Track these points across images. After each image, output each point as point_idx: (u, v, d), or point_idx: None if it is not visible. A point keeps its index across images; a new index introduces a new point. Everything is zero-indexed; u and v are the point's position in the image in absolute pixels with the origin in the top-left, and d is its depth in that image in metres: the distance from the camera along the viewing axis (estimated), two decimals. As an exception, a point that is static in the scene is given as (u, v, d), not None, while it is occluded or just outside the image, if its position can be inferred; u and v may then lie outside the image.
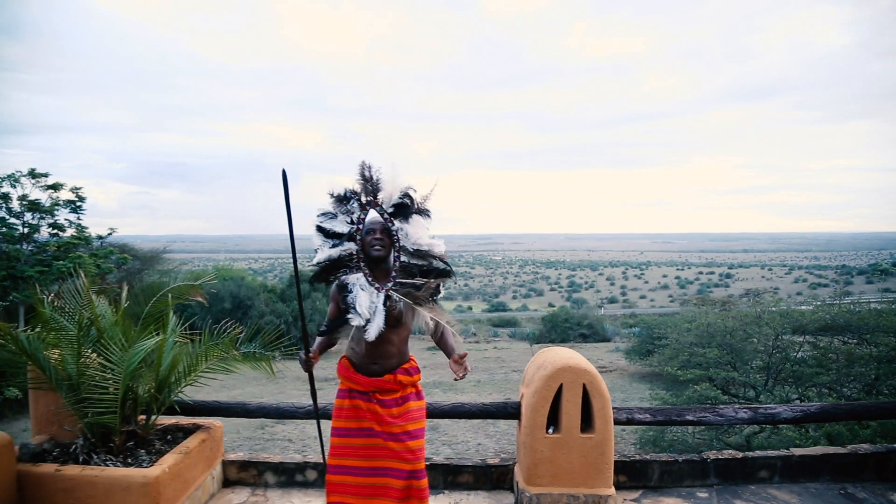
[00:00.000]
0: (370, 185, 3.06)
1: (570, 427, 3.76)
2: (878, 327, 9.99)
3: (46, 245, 15.82)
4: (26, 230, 15.70)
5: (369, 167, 3.06)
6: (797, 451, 4.40)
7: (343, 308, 3.01)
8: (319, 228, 3.08)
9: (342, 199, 3.09)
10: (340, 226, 3.07)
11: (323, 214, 3.09)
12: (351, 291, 2.98)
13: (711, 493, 4.13)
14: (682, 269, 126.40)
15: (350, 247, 3.06)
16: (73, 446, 3.63)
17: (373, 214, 3.08)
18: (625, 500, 3.99)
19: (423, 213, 3.09)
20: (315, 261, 3.07)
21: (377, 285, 3.02)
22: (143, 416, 3.83)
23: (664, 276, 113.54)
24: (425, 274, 3.06)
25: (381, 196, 3.06)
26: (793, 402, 9.42)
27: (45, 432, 3.91)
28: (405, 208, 3.05)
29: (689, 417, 4.20)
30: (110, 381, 3.51)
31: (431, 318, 3.04)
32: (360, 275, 3.03)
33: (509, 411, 4.02)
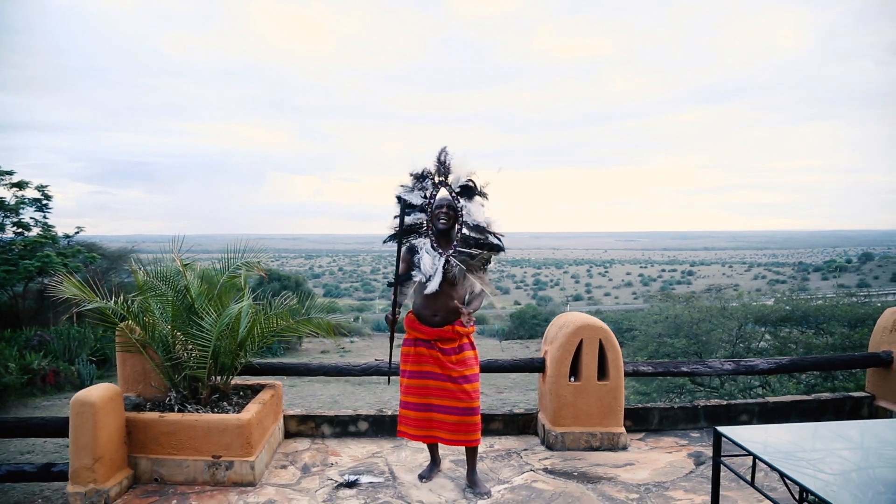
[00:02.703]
0: (443, 167, 3.73)
1: (589, 375, 4.48)
2: (833, 317, 10.73)
3: (12, 244, 15.54)
4: None
5: (445, 153, 3.73)
6: (771, 399, 5.20)
7: (411, 267, 3.68)
8: (399, 198, 3.74)
9: (419, 178, 3.75)
10: (416, 198, 3.73)
11: (403, 187, 3.75)
12: (418, 253, 3.66)
13: (702, 433, 4.89)
14: (646, 267, 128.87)
15: (422, 217, 3.73)
16: (168, 398, 4.21)
17: (443, 192, 3.75)
18: (631, 438, 4.71)
19: (484, 195, 3.77)
20: (391, 226, 3.73)
21: (440, 251, 3.68)
22: (220, 376, 4.42)
23: (628, 273, 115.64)
24: (481, 247, 3.72)
25: (450, 178, 3.73)
26: (755, 388, 10.26)
27: (133, 391, 4.47)
28: (470, 190, 3.72)
29: (685, 369, 4.96)
30: (200, 342, 4.11)
31: (480, 286, 3.72)
32: (427, 240, 3.71)
33: (535, 365, 4.72)
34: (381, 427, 4.85)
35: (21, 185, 15.71)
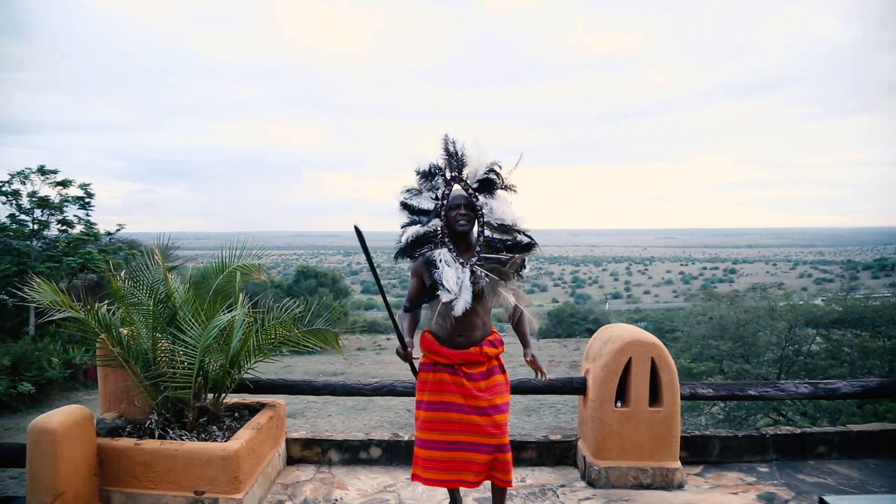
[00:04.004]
0: (454, 160, 3.07)
1: (639, 400, 3.79)
2: (892, 320, 9.90)
3: (56, 241, 15.89)
4: (36, 226, 15.82)
5: (453, 142, 3.07)
6: (854, 428, 4.42)
7: (430, 284, 3.03)
8: (404, 205, 3.10)
9: (427, 175, 3.10)
10: (425, 202, 3.08)
11: (408, 191, 3.10)
12: (436, 267, 3.01)
13: (772, 467, 4.16)
14: (686, 265, 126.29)
15: (435, 223, 3.08)
16: (148, 422, 3.67)
17: (457, 189, 3.10)
18: (688, 473, 4.01)
19: (509, 188, 3.11)
20: (403, 238, 3.09)
21: (461, 260, 3.04)
22: (212, 395, 3.86)
23: (668, 271, 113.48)
24: (510, 249, 3.07)
25: (465, 171, 3.07)
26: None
27: (115, 410, 3.94)
28: (490, 184, 3.07)
29: (751, 392, 4.22)
30: (184, 357, 3.55)
31: (512, 300, 3.06)
32: (445, 250, 3.05)
33: (574, 386, 4.04)
34: (396, 454, 4.24)
35: (65, 183, 16.02)
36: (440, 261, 2.99)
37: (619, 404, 3.85)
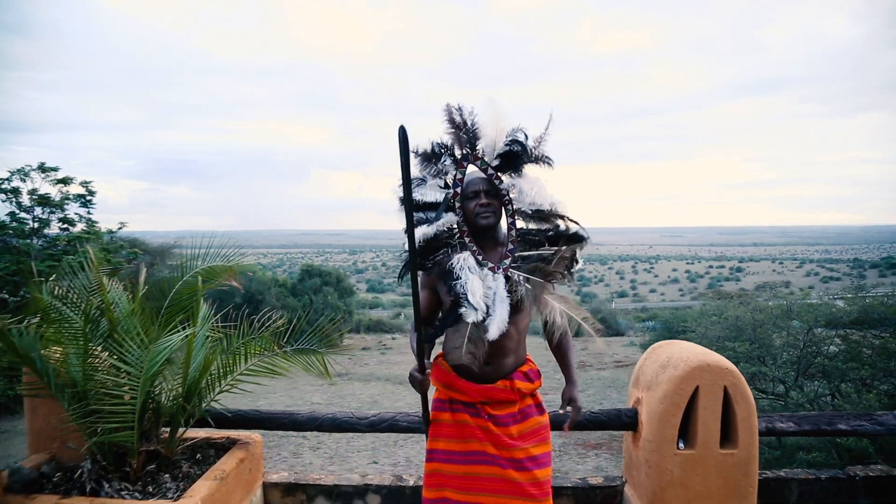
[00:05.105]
0: (464, 132, 2.29)
1: (708, 441, 2.97)
2: None
3: (56, 240, 15.72)
4: (36, 225, 15.63)
5: (459, 109, 2.28)
6: (963, 466, 3.59)
7: (452, 299, 2.21)
8: (403, 201, 2.31)
9: (430, 157, 2.32)
10: (432, 192, 2.31)
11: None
12: (459, 277, 2.19)
13: (866, 519, 3.34)
14: (692, 263, 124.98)
15: (450, 219, 2.28)
16: (79, 471, 2.85)
17: (473, 171, 2.30)
18: (765, 529, 3.19)
19: (542, 160, 2.30)
20: (407, 245, 2.28)
21: (491, 264, 2.23)
22: (168, 430, 3.06)
23: (674, 269, 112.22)
24: (552, 241, 2.28)
25: (480, 145, 2.28)
26: (823, 397, 8.72)
27: (45, 451, 3.14)
28: (515, 158, 2.28)
29: (842, 426, 3.38)
30: (126, 388, 2.74)
31: (560, 310, 2.26)
32: (467, 253, 2.25)
33: (623, 421, 3.22)
34: (399, 503, 3.42)
35: (66, 181, 15.99)
36: (461, 268, 2.19)
37: (681, 445, 3.03)
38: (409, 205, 2.09)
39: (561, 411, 2.51)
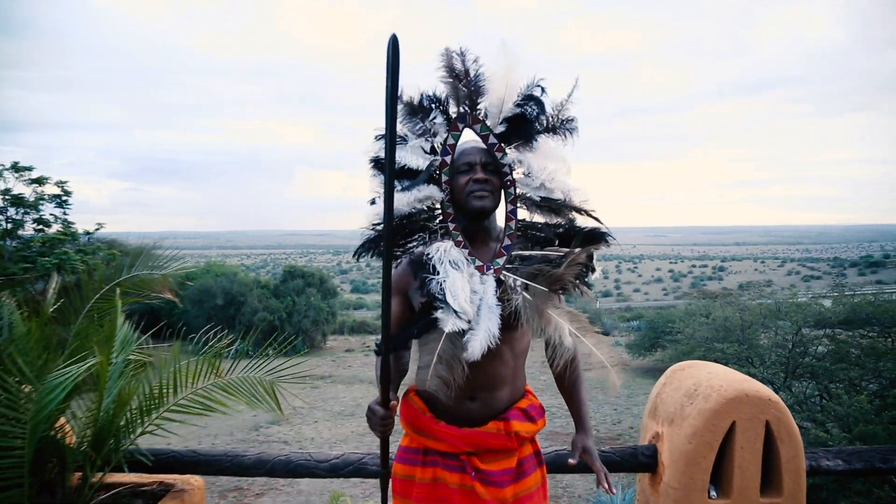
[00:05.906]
0: (464, 84, 1.71)
1: (747, 488, 2.42)
2: None
3: (31, 241, 15.43)
4: (9, 226, 15.39)
5: (461, 55, 1.71)
6: None
7: (422, 302, 1.65)
8: (377, 163, 1.73)
9: (416, 111, 1.74)
10: (413, 157, 1.74)
11: (382, 138, 1.73)
12: (437, 272, 1.62)
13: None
14: (676, 263, 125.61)
15: (431, 193, 1.71)
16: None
17: (470, 137, 1.73)
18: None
19: (563, 128, 1.74)
20: (370, 221, 1.71)
21: (479, 262, 1.67)
22: (80, 475, 2.46)
23: (657, 269, 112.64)
24: (564, 240, 1.72)
25: (483, 104, 1.71)
26: (813, 397, 8.80)
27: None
28: (528, 124, 1.70)
29: (899, 464, 2.85)
30: (16, 430, 2.14)
31: (570, 331, 1.69)
32: (450, 243, 1.69)
33: (640, 461, 2.66)
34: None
35: (40, 181, 15.71)
36: (441, 260, 1.63)
37: (713, 493, 2.48)
38: (392, 140, 1.50)
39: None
